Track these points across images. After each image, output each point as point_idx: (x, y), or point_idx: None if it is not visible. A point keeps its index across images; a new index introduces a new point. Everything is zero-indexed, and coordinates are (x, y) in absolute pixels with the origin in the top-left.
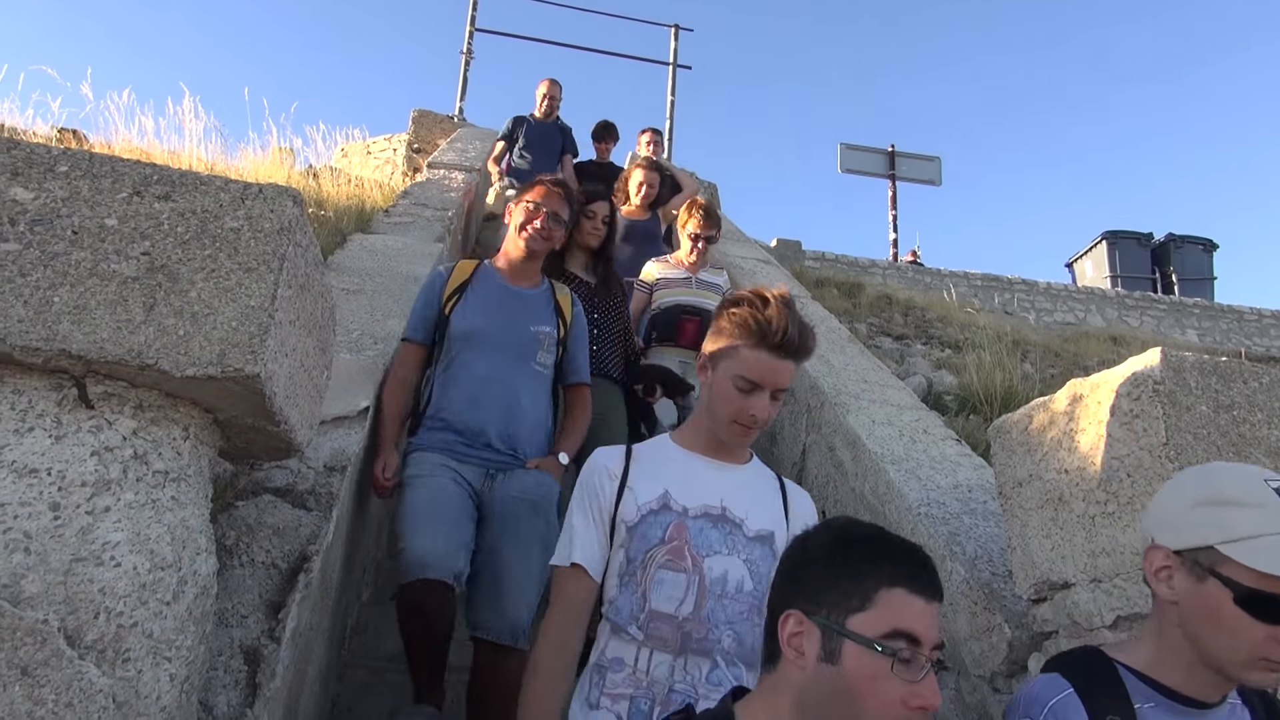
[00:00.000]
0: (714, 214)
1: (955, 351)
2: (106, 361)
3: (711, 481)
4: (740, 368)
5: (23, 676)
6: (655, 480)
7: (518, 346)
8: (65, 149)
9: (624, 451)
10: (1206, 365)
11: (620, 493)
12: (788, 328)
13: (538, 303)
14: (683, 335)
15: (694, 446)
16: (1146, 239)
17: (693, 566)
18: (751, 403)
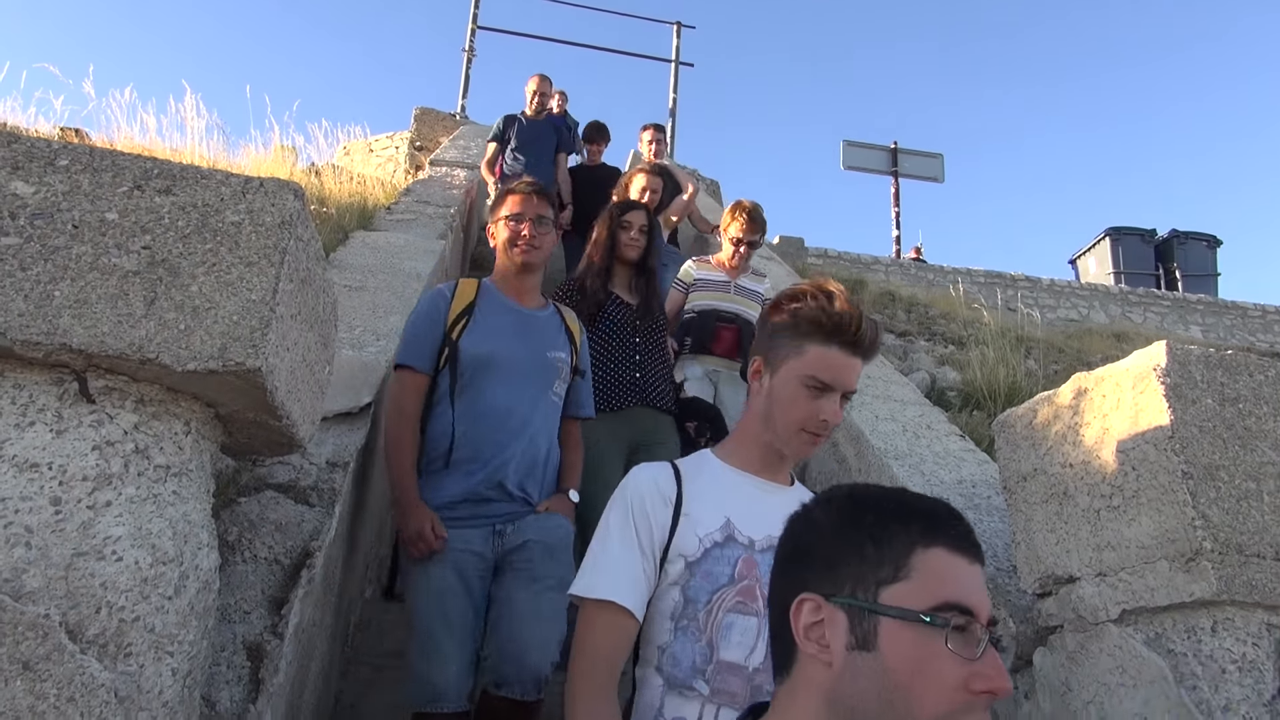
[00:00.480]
0: (759, 218)
1: (958, 348)
2: (107, 356)
3: (769, 507)
4: (809, 367)
5: (24, 671)
6: (714, 506)
7: (539, 374)
8: (65, 143)
9: (672, 470)
10: (1212, 358)
11: (675, 519)
12: (861, 321)
13: (550, 326)
14: (717, 343)
15: (744, 465)
16: (1150, 235)
17: (764, 608)
18: (822, 406)
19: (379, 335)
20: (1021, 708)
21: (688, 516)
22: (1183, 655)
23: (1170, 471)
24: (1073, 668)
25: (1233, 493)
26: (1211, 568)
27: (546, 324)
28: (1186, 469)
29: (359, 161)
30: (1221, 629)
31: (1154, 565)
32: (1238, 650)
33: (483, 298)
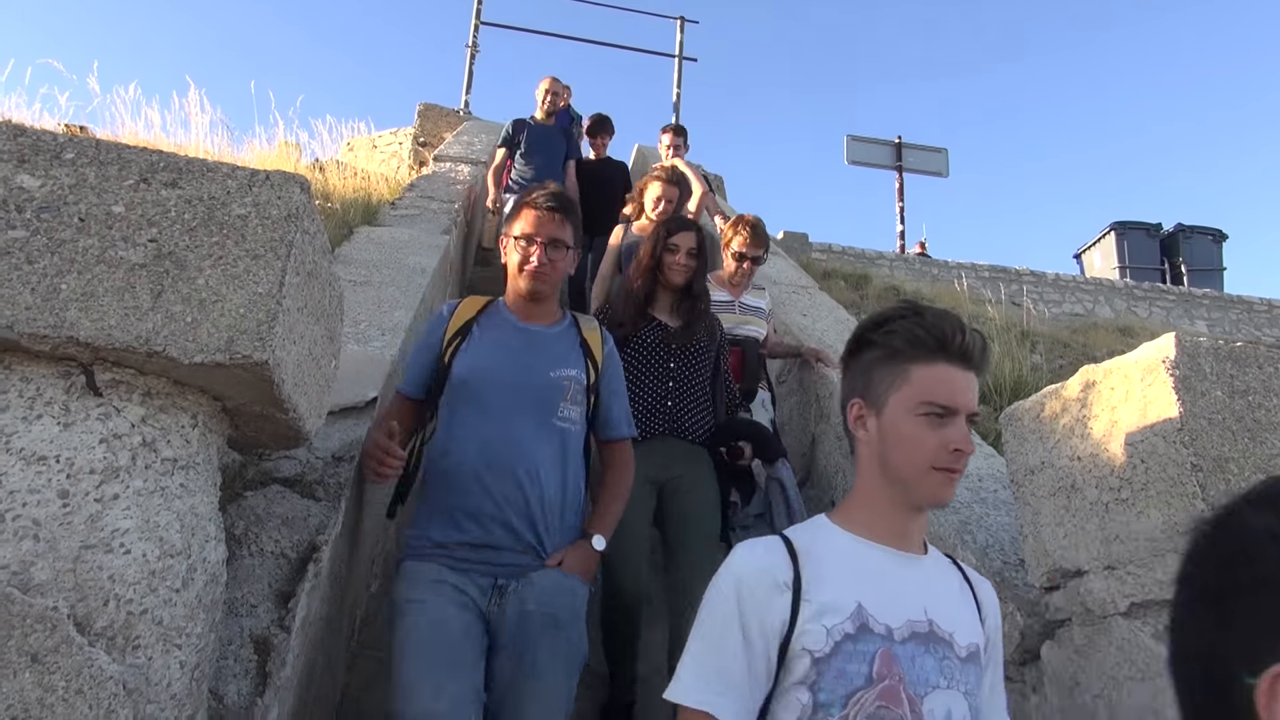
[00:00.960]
0: (762, 232)
1: None
2: (114, 349)
3: (907, 584)
4: (922, 392)
5: (33, 663)
6: (840, 588)
7: (533, 397)
8: (71, 136)
9: (785, 547)
10: (1221, 350)
11: (795, 608)
12: (965, 330)
13: (559, 342)
14: None
15: (870, 532)
16: (1155, 230)
17: (910, 712)
18: (948, 435)
19: (384, 330)
20: (1029, 701)
21: (810, 603)
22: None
23: (1179, 464)
24: (1081, 661)
25: (1243, 485)
26: None
27: (555, 340)
28: (1196, 461)
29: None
30: None
31: (1163, 558)
32: None
33: (486, 315)
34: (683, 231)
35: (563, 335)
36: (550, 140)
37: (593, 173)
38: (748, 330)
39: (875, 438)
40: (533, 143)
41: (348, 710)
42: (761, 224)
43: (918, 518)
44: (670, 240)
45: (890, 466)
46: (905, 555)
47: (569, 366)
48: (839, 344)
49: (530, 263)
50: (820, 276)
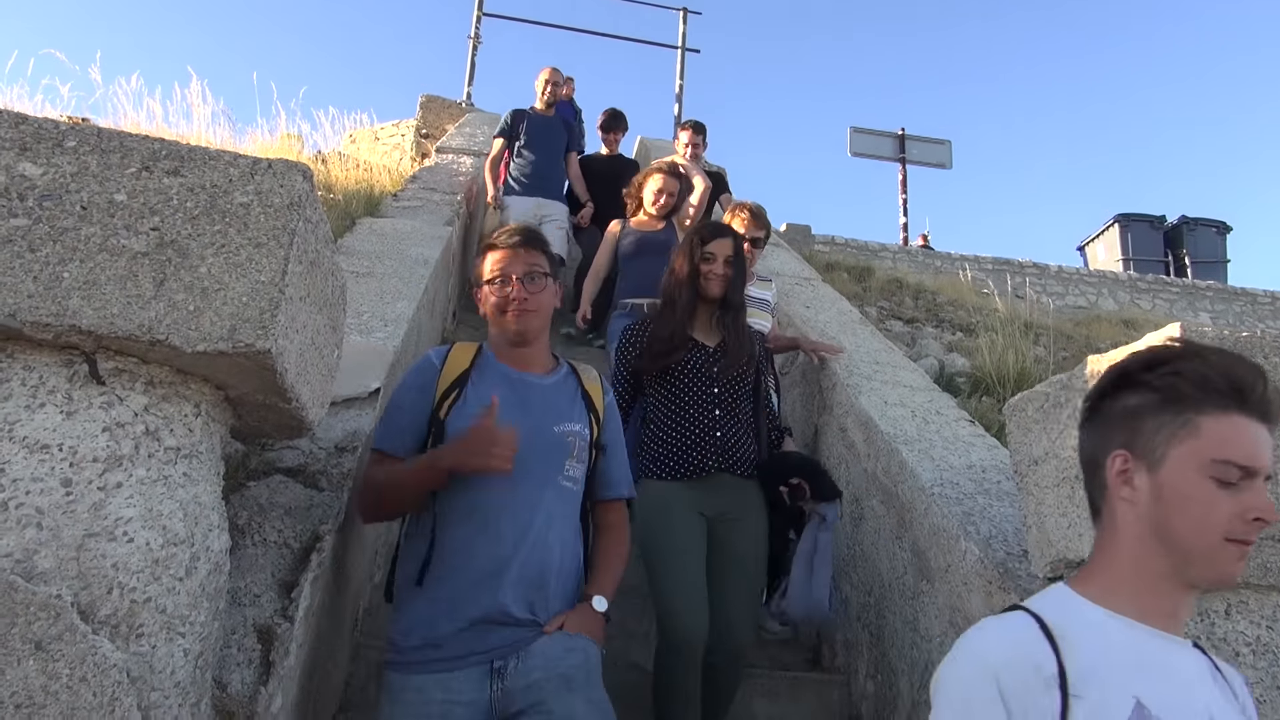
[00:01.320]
0: (762, 215)
1: (967, 334)
2: (117, 337)
3: (1183, 677)
4: (1216, 448)
5: (37, 651)
6: (1114, 682)
7: (542, 457)
8: (73, 124)
9: (1038, 629)
10: (1226, 340)
11: (1065, 707)
12: (1265, 379)
13: (559, 394)
14: None
15: (1133, 609)
16: (1159, 221)
17: None
18: (1248, 500)
19: (386, 321)
20: None
21: (1081, 700)
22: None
23: None
24: None
25: None
26: None
27: (556, 392)
28: None
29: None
30: (1236, 612)
31: None
32: (1252, 633)
33: (479, 366)
34: (719, 238)
35: (562, 386)
36: (550, 132)
37: (604, 169)
38: (753, 323)
39: (1148, 498)
40: (532, 134)
41: (351, 700)
42: (762, 209)
43: (1189, 596)
44: (706, 248)
45: (1168, 534)
46: (1173, 640)
47: (572, 420)
48: (842, 335)
49: (512, 302)
50: (823, 268)
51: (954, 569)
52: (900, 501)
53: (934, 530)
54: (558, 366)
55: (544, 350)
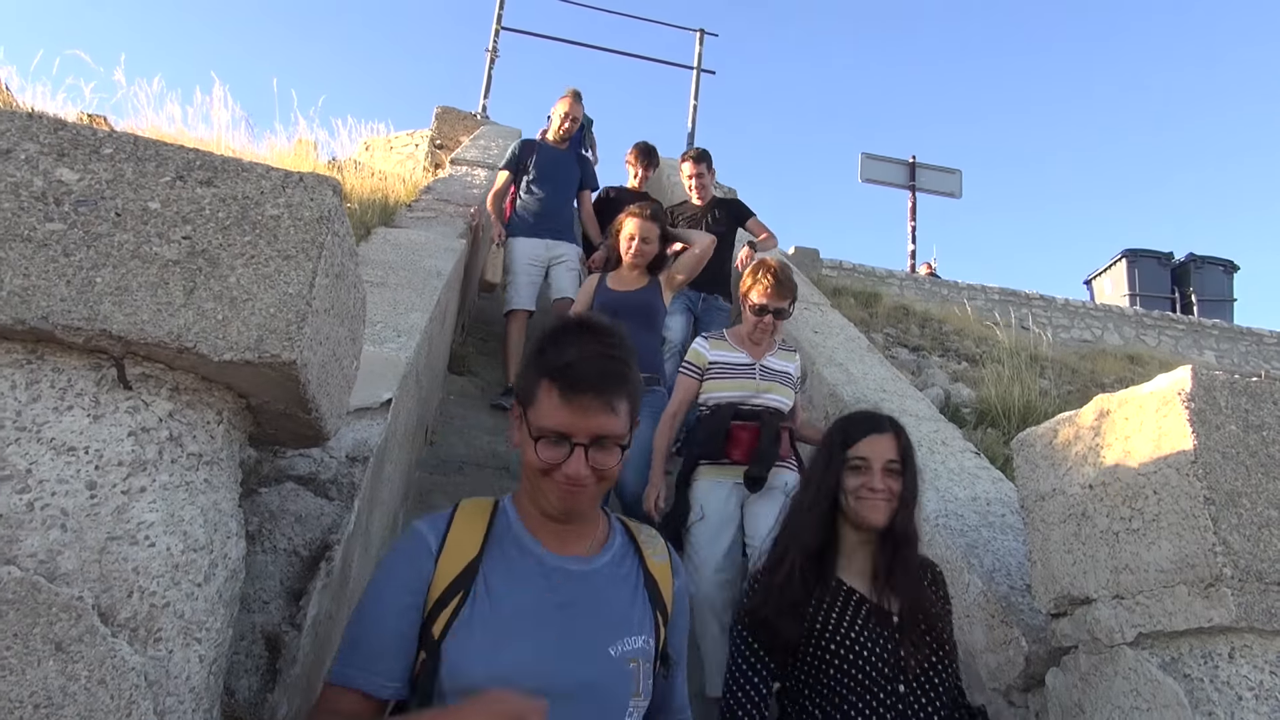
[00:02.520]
0: (787, 280)
1: (972, 364)
2: (146, 343)
3: None
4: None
5: (57, 652)
6: None
7: (593, 704)
8: (110, 131)
9: None
10: (1237, 385)
11: None
12: None
13: (618, 588)
14: (733, 447)
15: None
16: (1167, 258)
17: None
18: None
19: (399, 331)
20: None
21: None
22: (1199, 680)
23: (1192, 496)
24: (1085, 689)
25: (1254, 520)
26: (1231, 594)
27: (611, 584)
28: (1209, 494)
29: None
30: (1239, 655)
31: (1173, 590)
32: (1255, 677)
33: (498, 543)
34: (875, 435)
35: (617, 571)
36: (562, 167)
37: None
38: (768, 400)
39: None
40: (542, 168)
41: None
42: (787, 270)
43: None
44: (853, 452)
45: None
46: None
47: (637, 631)
48: (849, 362)
49: (564, 476)
50: (830, 293)
51: (956, 601)
52: None
53: (937, 561)
54: (609, 532)
55: (594, 514)
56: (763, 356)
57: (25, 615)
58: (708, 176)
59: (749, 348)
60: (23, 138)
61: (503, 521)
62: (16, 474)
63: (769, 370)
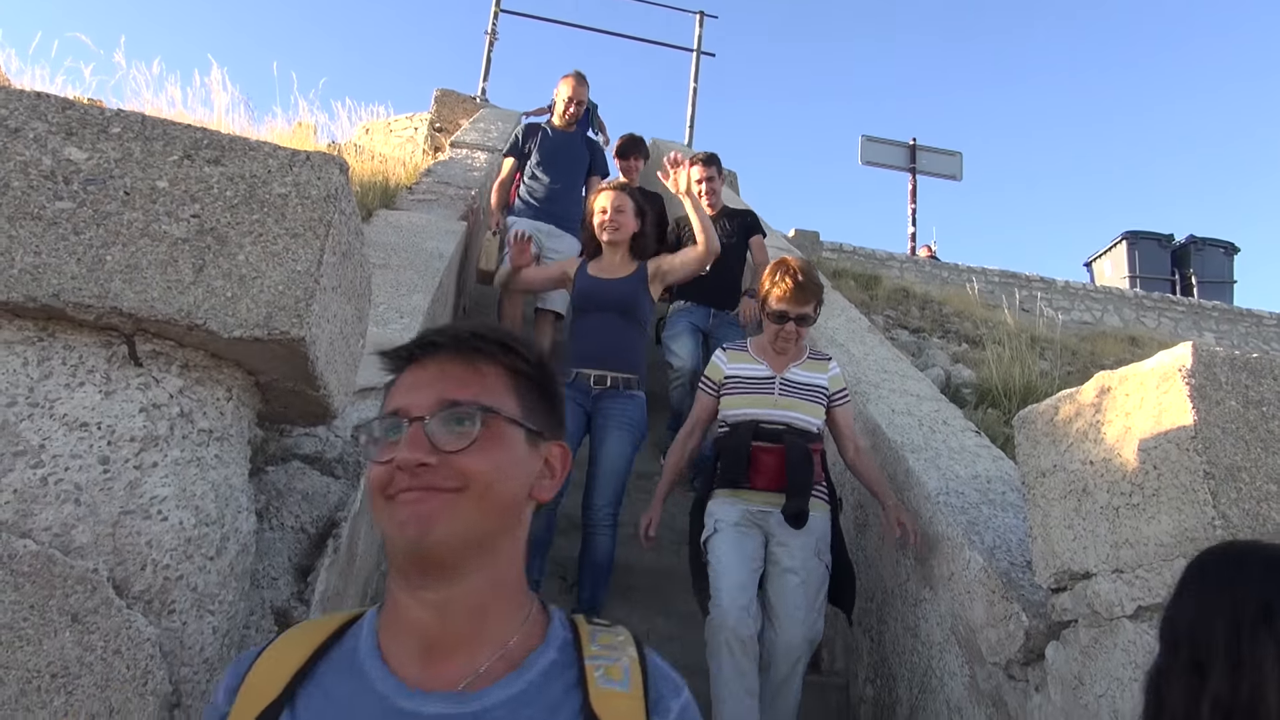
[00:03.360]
0: (811, 280)
1: (973, 346)
2: (156, 320)
3: None
4: None
5: (73, 623)
6: None
7: None
8: (118, 110)
9: None
10: (1237, 361)
11: None
12: None
13: None
14: (756, 473)
15: None
16: (1167, 240)
17: None
18: None
19: (402, 313)
20: (1032, 700)
21: None
22: None
23: (1192, 471)
24: (1086, 662)
25: (1254, 494)
26: None
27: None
28: (1209, 469)
29: (379, 141)
30: None
31: (1172, 563)
32: None
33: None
34: None
35: (525, 710)
36: (570, 151)
37: None
38: (789, 417)
39: None
40: (549, 153)
41: None
42: (810, 269)
43: None
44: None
45: None
46: None
47: None
48: (850, 343)
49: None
50: (830, 275)
51: (957, 577)
52: (906, 508)
53: (938, 538)
54: (539, 638)
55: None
56: (785, 368)
57: (41, 587)
58: (718, 182)
59: (771, 358)
60: (31, 116)
61: (350, 640)
62: (30, 449)
63: (791, 384)
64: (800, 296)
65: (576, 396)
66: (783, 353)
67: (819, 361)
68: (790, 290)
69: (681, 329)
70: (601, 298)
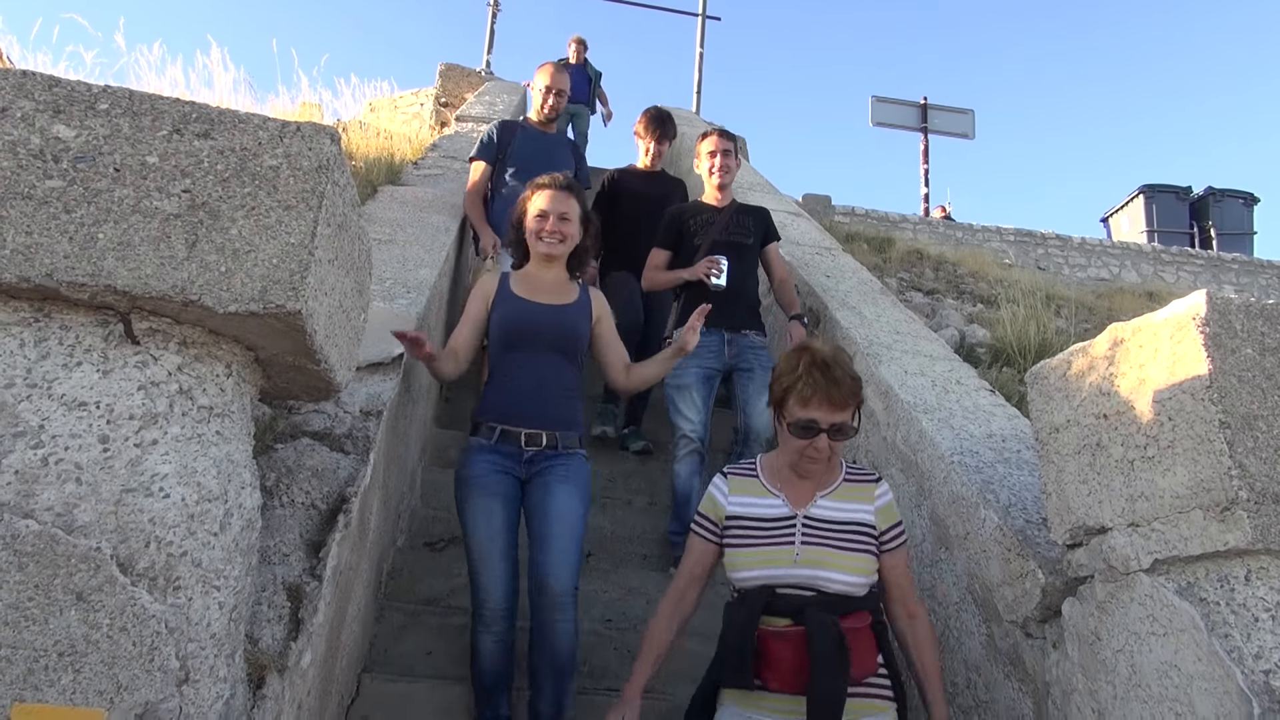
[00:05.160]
0: (847, 374)
1: (988, 306)
2: (151, 297)
3: None
4: None
5: (78, 601)
6: None
7: None
8: (105, 86)
9: None
10: (1253, 308)
11: None
12: None
13: None
14: (768, 669)
15: None
16: (1185, 193)
17: None
18: None
19: (409, 288)
20: (1049, 657)
21: None
22: (1215, 604)
23: (1207, 421)
24: (1102, 617)
25: (1271, 443)
26: (1247, 517)
27: None
28: (1224, 418)
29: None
30: (1255, 578)
31: (1188, 515)
32: (1272, 599)
33: None
34: None
35: None
36: (550, 154)
37: (641, 189)
38: (817, 579)
39: None
40: (525, 156)
41: (375, 659)
42: (845, 359)
43: None
44: None
45: None
46: None
47: None
48: (862, 305)
49: None
50: (843, 239)
51: (972, 536)
52: (919, 470)
53: (953, 498)
54: None
55: None
56: (811, 500)
57: (45, 567)
58: (733, 158)
59: (791, 488)
60: (18, 95)
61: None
62: (29, 430)
63: (820, 525)
64: (834, 397)
65: (504, 463)
66: (808, 477)
67: (861, 485)
68: (820, 391)
69: (690, 379)
70: (535, 329)
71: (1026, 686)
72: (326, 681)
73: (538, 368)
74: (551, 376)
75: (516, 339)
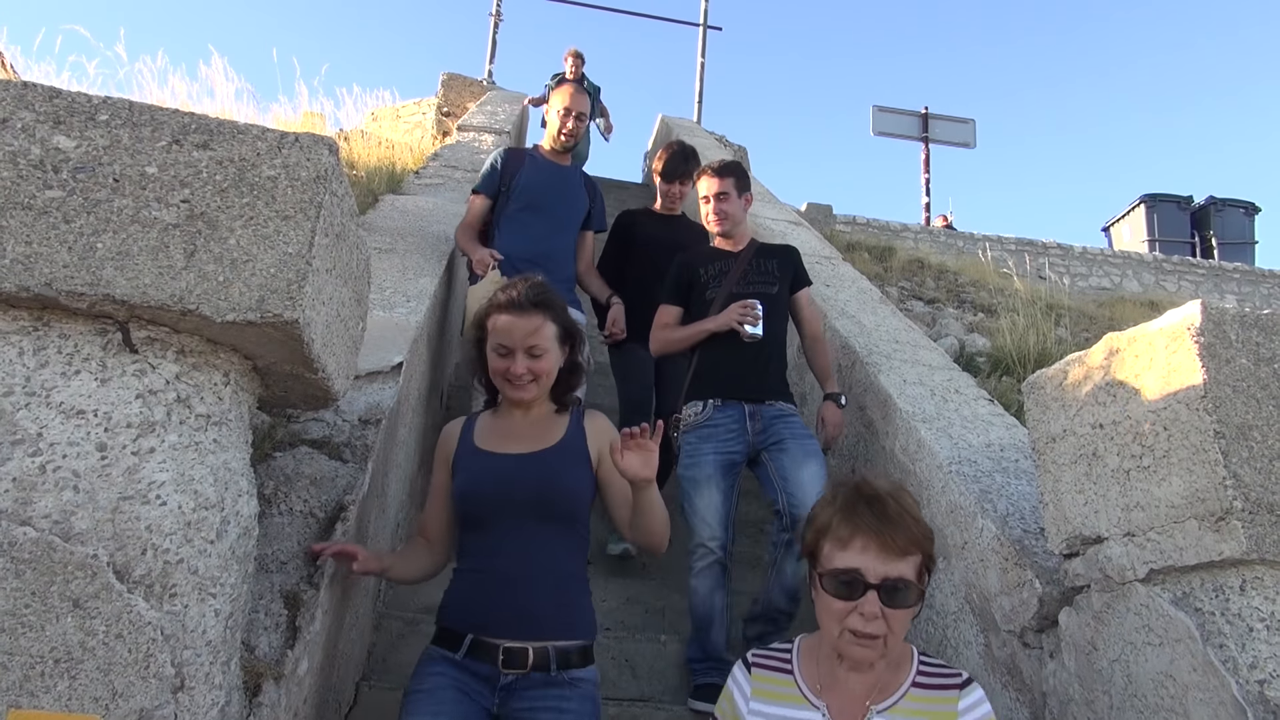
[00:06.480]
0: (908, 512)
1: (988, 315)
2: (149, 307)
3: None
4: None
5: (74, 608)
6: None
7: None
8: (105, 97)
9: None
10: (1248, 318)
11: None
12: None
13: None
14: None
15: None
16: (1186, 202)
17: None
18: None
19: (409, 297)
20: (1046, 666)
21: None
22: (1210, 614)
23: (1202, 431)
24: (1099, 627)
25: (1265, 453)
26: (1242, 527)
27: None
28: (1219, 428)
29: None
30: (1250, 588)
31: (1183, 525)
32: (1266, 609)
33: None
34: None
35: None
36: (563, 189)
37: (658, 236)
38: None
39: None
40: (533, 191)
41: (373, 668)
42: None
43: None
44: None
45: None
46: None
47: None
48: (861, 314)
49: None
50: (844, 248)
51: (970, 546)
52: (918, 479)
53: (951, 507)
54: None
55: None
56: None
57: (42, 574)
58: (735, 200)
59: (835, 692)
60: (18, 106)
61: None
62: (28, 437)
63: None
64: (887, 540)
65: (469, 683)
66: (859, 669)
67: (939, 694)
68: (866, 527)
69: (707, 469)
70: (506, 494)
71: (1024, 696)
72: (323, 690)
73: (518, 548)
74: (541, 559)
75: (484, 512)
